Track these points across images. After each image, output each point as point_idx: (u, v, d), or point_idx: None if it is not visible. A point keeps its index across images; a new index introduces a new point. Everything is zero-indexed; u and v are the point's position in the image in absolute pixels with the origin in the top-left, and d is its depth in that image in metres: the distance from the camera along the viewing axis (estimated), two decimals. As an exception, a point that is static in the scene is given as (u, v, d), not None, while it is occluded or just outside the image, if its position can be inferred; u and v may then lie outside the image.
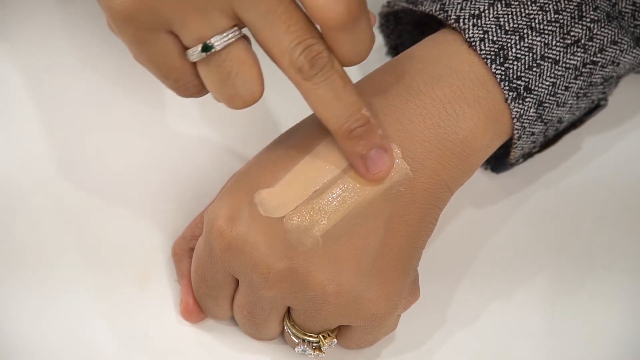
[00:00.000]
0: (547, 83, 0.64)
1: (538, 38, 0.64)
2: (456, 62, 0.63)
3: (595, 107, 0.69)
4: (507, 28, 0.64)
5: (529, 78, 0.63)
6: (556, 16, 0.64)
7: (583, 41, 0.64)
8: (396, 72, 0.64)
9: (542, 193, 0.73)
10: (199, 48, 0.58)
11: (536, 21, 0.64)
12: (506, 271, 0.70)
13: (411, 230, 0.62)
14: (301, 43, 0.57)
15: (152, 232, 0.69)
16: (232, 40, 0.58)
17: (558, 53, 0.64)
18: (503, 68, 0.63)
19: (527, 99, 0.64)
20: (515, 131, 0.64)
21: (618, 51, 0.65)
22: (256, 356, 0.66)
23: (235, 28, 0.58)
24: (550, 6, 0.64)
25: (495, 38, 0.63)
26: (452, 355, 0.68)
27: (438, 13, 0.65)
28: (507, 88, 0.63)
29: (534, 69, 0.64)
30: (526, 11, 0.64)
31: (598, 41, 0.64)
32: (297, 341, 0.64)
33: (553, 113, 0.65)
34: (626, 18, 0.65)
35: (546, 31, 0.64)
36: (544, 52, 0.64)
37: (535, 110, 0.64)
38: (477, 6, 0.64)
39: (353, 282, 0.61)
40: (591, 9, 0.64)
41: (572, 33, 0.64)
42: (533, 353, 0.68)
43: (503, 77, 0.63)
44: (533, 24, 0.64)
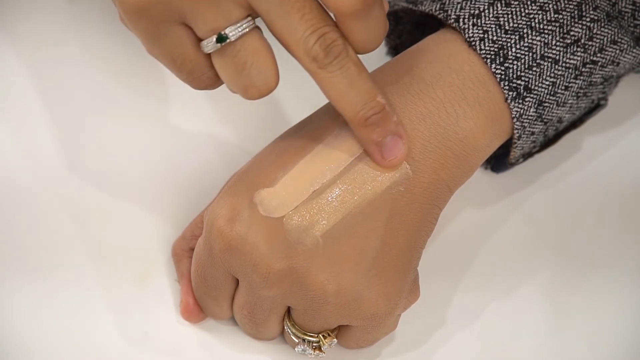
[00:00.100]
0: (547, 83, 0.64)
1: (538, 38, 0.64)
2: (456, 62, 0.63)
3: (595, 107, 0.69)
4: (507, 28, 0.64)
5: (529, 78, 0.63)
6: (556, 16, 0.64)
7: (583, 41, 0.64)
8: (396, 72, 0.64)
9: (542, 193, 0.73)
10: (214, 39, 0.57)
11: (536, 21, 0.64)
12: (506, 271, 0.70)
13: (411, 230, 0.62)
14: (316, 31, 0.57)
15: (152, 232, 0.69)
16: (247, 30, 0.57)
17: (558, 53, 0.64)
18: (503, 68, 0.63)
19: (527, 99, 0.64)
20: (515, 131, 0.64)
21: (618, 51, 0.65)
22: (256, 356, 0.66)
23: (249, 18, 0.57)
24: (550, 6, 0.64)
25: (495, 38, 0.63)
26: (452, 355, 0.67)
27: (438, 13, 0.65)
28: (507, 88, 0.63)
29: (534, 69, 0.63)
30: (526, 11, 0.64)
31: (598, 41, 0.64)
32: (297, 341, 0.64)
33: (553, 113, 0.65)
34: (626, 18, 0.65)
35: (546, 31, 0.64)
36: (544, 52, 0.64)
37: (535, 109, 0.64)
38: (477, 6, 0.64)
39: (353, 282, 0.61)
40: (591, 9, 0.64)
41: (572, 33, 0.64)
42: (533, 353, 0.68)
43: (503, 77, 0.63)
44: (533, 24, 0.64)
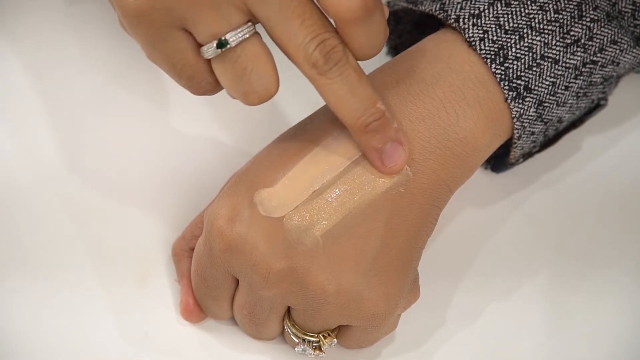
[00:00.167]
0: (547, 83, 0.64)
1: (538, 38, 0.64)
2: (456, 62, 0.63)
3: (595, 107, 0.69)
4: (507, 28, 0.64)
5: (529, 78, 0.63)
6: (556, 16, 0.64)
7: (583, 41, 0.64)
8: (396, 72, 0.64)
9: (542, 193, 0.73)
10: (214, 44, 0.57)
11: (536, 21, 0.64)
12: (506, 271, 0.70)
13: (411, 230, 0.62)
14: (316, 38, 0.57)
15: (152, 232, 0.69)
16: (247, 36, 0.57)
17: (558, 52, 0.64)
18: (503, 68, 0.63)
19: (527, 99, 0.64)
20: (515, 131, 0.64)
21: (618, 51, 0.65)
22: (256, 356, 0.66)
23: (249, 24, 0.57)
24: (550, 6, 0.64)
25: (495, 38, 0.63)
26: (452, 355, 0.67)
27: (438, 13, 0.65)
28: (507, 88, 0.63)
29: (534, 69, 0.63)
30: (526, 11, 0.64)
31: (598, 41, 0.64)
32: (297, 341, 0.64)
33: (553, 113, 0.65)
34: (626, 17, 0.65)
35: (546, 31, 0.64)
36: (544, 52, 0.64)
37: (535, 109, 0.64)
38: (477, 6, 0.64)
39: (353, 282, 0.61)
40: (591, 9, 0.64)
41: (572, 32, 0.64)
42: (533, 353, 0.68)
43: (503, 77, 0.63)
44: (533, 24, 0.64)
